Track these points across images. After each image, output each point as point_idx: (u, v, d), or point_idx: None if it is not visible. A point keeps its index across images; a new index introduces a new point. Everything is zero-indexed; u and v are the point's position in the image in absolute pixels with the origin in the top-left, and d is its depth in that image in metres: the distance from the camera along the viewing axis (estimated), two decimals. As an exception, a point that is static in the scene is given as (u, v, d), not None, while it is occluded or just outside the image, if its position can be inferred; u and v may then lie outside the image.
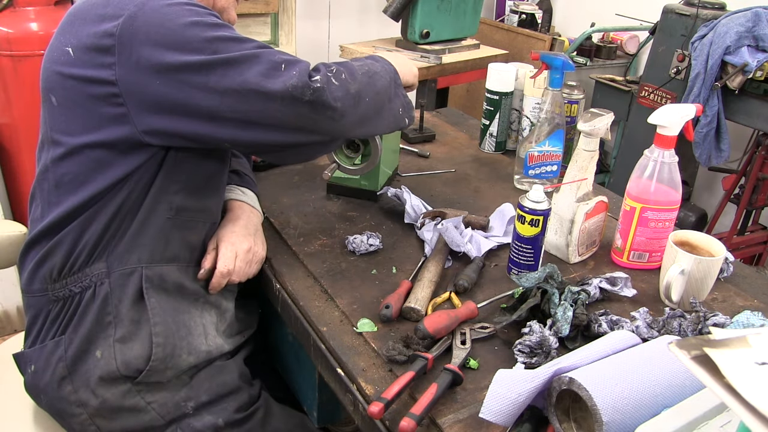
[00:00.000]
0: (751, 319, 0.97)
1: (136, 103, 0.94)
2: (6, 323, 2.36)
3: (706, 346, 0.54)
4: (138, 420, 1.04)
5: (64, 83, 0.97)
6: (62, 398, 1.02)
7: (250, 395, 1.14)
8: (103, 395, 1.01)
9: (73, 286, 1.03)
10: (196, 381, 1.09)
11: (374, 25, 3.51)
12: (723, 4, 2.38)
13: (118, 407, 1.02)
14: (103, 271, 1.02)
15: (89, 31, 0.94)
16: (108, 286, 1.01)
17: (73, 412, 1.03)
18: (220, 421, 1.08)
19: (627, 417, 0.71)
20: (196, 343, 1.07)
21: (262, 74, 0.93)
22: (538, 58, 1.39)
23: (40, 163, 1.05)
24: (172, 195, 1.03)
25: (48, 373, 1.03)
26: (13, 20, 2.07)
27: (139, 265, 1.03)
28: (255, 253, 1.14)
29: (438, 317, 0.96)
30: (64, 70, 0.97)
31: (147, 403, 1.04)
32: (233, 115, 0.95)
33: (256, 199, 1.25)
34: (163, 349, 1.02)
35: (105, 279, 1.01)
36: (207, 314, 1.11)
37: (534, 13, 3.45)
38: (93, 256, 1.02)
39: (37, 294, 1.06)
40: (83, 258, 1.01)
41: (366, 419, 0.87)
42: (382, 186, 1.37)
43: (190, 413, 1.07)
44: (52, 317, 1.05)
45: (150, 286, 1.03)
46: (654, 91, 2.53)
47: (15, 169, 2.27)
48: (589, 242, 1.20)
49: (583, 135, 1.13)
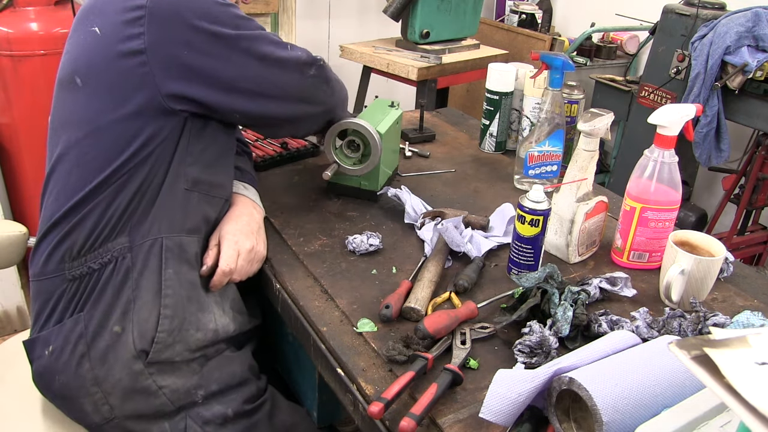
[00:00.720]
0: (751, 319, 0.97)
1: (162, 69, 0.99)
2: (6, 323, 2.36)
3: (706, 346, 0.54)
4: (149, 404, 1.04)
5: (91, 61, 1.01)
6: (80, 376, 1.03)
7: (258, 387, 1.16)
8: (118, 374, 1.02)
9: (92, 263, 1.03)
10: (206, 370, 1.10)
11: (374, 25, 3.51)
12: (723, 4, 2.38)
13: (131, 388, 1.03)
14: (126, 245, 1.03)
15: (117, 8, 0.99)
16: (130, 260, 1.03)
17: (89, 390, 1.03)
18: (229, 411, 1.10)
19: (627, 417, 0.71)
20: (204, 320, 1.08)
21: (276, 47, 1.08)
22: (538, 58, 1.39)
23: (57, 147, 1.06)
24: (187, 167, 1.06)
25: (67, 352, 1.03)
26: (13, 20, 2.07)
27: (160, 235, 1.05)
28: (257, 252, 1.14)
29: (438, 317, 0.96)
30: (92, 49, 1.01)
31: (159, 387, 1.04)
32: (249, 86, 1.06)
33: (257, 195, 1.26)
34: (170, 321, 1.04)
35: (127, 253, 1.03)
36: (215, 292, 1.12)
37: (534, 13, 3.45)
38: (116, 230, 1.03)
39: (51, 275, 1.05)
40: (105, 233, 1.03)
41: (366, 419, 0.87)
42: (382, 186, 1.37)
43: (200, 402, 1.08)
44: (68, 296, 1.05)
45: (170, 255, 1.05)
46: (654, 91, 2.53)
47: (15, 169, 2.27)
48: (589, 242, 1.21)
49: (583, 135, 1.13)
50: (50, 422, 1.13)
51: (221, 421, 1.09)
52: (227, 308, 1.14)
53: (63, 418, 1.11)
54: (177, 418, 1.07)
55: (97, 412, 1.04)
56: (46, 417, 1.14)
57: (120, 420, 1.04)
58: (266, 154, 1.53)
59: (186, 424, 1.07)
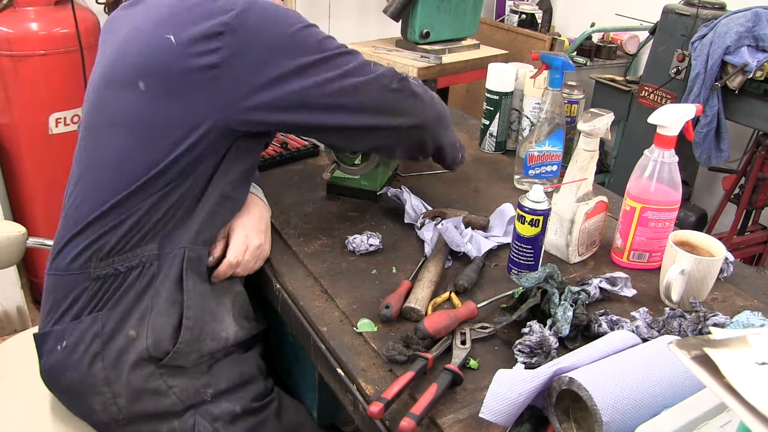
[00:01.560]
0: (751, 319, 0.97)
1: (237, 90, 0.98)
2: (6, 323, 2.36)
3: (706, 346, 0.54)
4: (159, 403, 1.05)
5: (161, 68, 0.98)
6: (92, 374, 1.03)
7: (266, 386, 1.16)
8: (128, 376, 1.02)
9: (119, 265, 1.03)
10: (215, 369, 1.10)
11: (374, 25, 3.51)
12: (723, 4, 2.38)
13: (141, 389, 1.03)
14: (155, 252, 1.03)
15: (197, 19, 0.97)
16: (156, 267, 1.03)
17: (99, 390, 1.03)
18: (238, 408, 1.10)
19: (627, 417, 0.71)
20: (218, 329, 1.09)
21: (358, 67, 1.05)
22: (538, 58, 1.39)
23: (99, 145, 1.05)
24: (225, 183, 1.06)
25: (81, 349, 1.03)
26: (13, 20, 2.07)
27: (184, 245, 1.05)
28: (263, 250, 1.15)
29: (438, 317, 0.96)
30: (163, 57, 0.98)
31: (169, 387, 1.05)
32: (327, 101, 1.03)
33: (263, 194, 1.26)
34: (191, 332, 1.04)
35: (155, 260, 1.03)
36: (226, 299, 1.12)
37: (534, 13, 3.45)
38: (148, 236, 1.03)
39: (75, 272, 1.05)
40: (137, 238, 1.02)
41: (366, 419, 0.87)
42: (382, 186, 1.37)
43: (209, 400, 1.08)
44: (90, 294, 1.04)
45: (190, 267, 1.05)
46: (654, 91, 2.53)
47: (15, 169, 2.27)
48: (589, 242, 1.21)
49: (583, 135, 1.13)
50: (53, 420, 1.13)
51: (230, 417, 1.09)
52: (237, 316, 1.14)
53: (67, 417, 1.12)
54: (186, 415, 1.07)
55: (105, 412, 1.04)
56: (48, 415, 1.14)
57: (128, 419, 1.05)
58: (266, 154, 1.53)
59: (195, 421, 1.07)
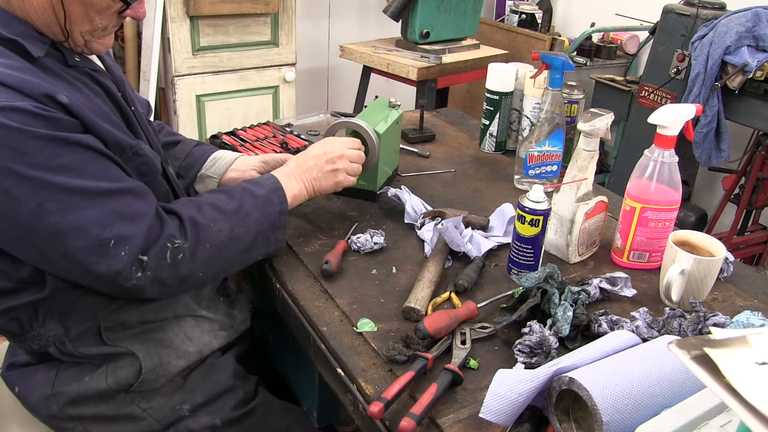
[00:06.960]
0: (751, 319, 0.97)
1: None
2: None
3: (706, 346, 0.54)
4: (135, 427, 1.04)
5: None
6: (53, 416, 1.03)
7: (246, 392, 1.14)
8: (96, 408, 1.02)
9: (32, 343, 1.01)
10: (189, 382, 1.08)
11: (374, 25, 3.51)
12: (723, 4, 2.38)
13: (113, 416, 1.03)
14: (60, 331, 1.00)
15: None
16: (69, 344, 1.01)
17: (67, 426, 1.03)
18: (218, 420, 1.08)
19: (627, 417, 0.71)
20: (183, 348, 1.07)
21: (87, 251, 0.86)
22: (538, 58, 1.39)
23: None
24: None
25: (35, 394, 1.03)
26: (13, 20, 2.07)
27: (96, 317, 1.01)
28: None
29: (438, 317, 0.96)
30: None
31: (142, 410, 1.04)
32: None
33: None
34: (151, 362, 1.03)
35: (63, 338, 1.01)
36: (183, 323, 1.10)
37: (534, 13, 3.45)
38: (45, 317, 0.99)
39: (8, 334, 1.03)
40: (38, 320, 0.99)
41: (366, 419, 0.87)
42: (381, 186, 1.37)
43: (187, 415, 1.07)
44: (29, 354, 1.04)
45: (111, 334, 1.02)
46: (654, 91, 2.53)
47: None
48: (589, 242, 1.21)
49: (583, 135, 1.13)
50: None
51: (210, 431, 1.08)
52: (209, 327, 1.13)
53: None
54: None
55: None
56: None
57: None
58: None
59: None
